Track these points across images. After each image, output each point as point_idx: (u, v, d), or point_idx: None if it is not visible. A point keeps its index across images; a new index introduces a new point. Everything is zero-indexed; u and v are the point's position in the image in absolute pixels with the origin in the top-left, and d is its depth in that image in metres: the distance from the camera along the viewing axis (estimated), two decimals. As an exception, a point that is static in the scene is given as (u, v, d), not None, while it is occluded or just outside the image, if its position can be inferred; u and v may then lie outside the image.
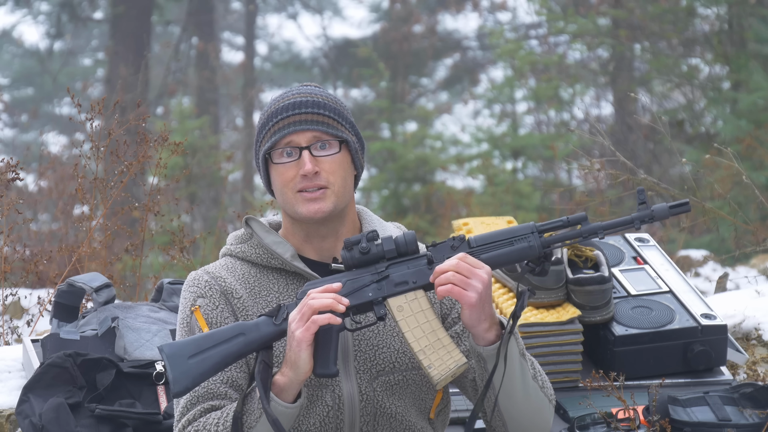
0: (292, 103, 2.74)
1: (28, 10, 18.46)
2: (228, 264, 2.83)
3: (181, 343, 2.62)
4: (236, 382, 2.71)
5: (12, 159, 5.01)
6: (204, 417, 2.66)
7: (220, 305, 2.76)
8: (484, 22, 18.43)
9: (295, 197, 2.74)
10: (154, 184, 5.47)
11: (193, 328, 2.75)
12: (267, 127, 2.75)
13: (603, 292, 3.63)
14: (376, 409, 2.75)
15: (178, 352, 2.61)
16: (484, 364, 2.65)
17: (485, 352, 2.64)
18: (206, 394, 2.69)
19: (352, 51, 17.61)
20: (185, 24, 18.11)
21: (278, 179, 2.75)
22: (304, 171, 2.71)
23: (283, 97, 2.78)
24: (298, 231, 2.81)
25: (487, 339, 2.65)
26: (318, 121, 2.74)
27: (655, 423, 3.28)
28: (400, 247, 2.65)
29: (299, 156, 2.73)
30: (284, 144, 2.73)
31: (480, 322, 2.63)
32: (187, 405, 2.69)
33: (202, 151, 12.31)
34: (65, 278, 4.60)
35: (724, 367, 3.69)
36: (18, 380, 3.90)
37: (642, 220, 2.63)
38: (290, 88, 2.83)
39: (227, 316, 2.75)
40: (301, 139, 2.73)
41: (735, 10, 11.17)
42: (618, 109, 13.54)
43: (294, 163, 2.73)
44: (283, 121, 2.73)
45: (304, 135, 2.73)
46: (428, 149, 13.73)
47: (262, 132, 2.77)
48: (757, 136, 9.59)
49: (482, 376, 2.68)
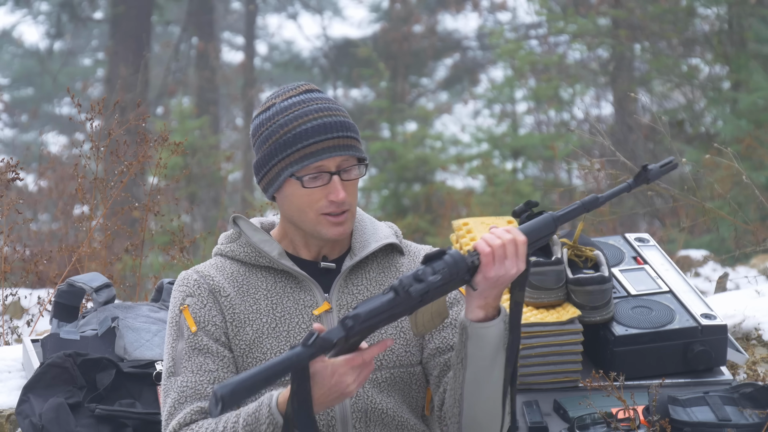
0: (323, 125, 2.72)
1: (28, 10, 18.47)
2: (218, 263, 2.84)
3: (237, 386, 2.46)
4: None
5: (12, 159, 5.01)
6: (196, 425, 2.66)
7: (208, 304, 2.77)
8: (484, 22, 18.44)
9: (318, 219, 2.74)
10: (154, 184, 5.48)
11: (181, 326, 2.76)
12: (295, 148, 2.72)
13: (603, 292, 3.63)
14: (366, 406, 2.76)
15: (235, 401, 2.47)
16: (465, 339, 2.64)
17: (472, 327, 2.63)
18: (194, 395, 2.69)
19: (352, 51, 17.62)
20: (185, 24, 18.11)
21: (301, 199, 2.74)
22: (337, 199, 2.71)
23: (307, 114, 2.73)
24: (299, 235, 2.82)
25: (479, 315, 2.64)
26: (348, 146, 2.73)
27: (655, 423, 3.28)
28: (452, 273, 2.59)
29: (328, 181, 2.72)
30: (314, 168, 2.72)
31: (493, 289, 2.61)
32: (175, 405, 2.69)
33: (202, 151, 12.33)
34: (65, 278, 4.60)
35: (724, 367, 3.69)
36: (18, 380, 3.91)
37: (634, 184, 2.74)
38: (297, 92, 2.78)
39: (215, 315, 2.76)
40: (331, 164, 2.73)
41: (735, 10, 11.17)
42: (618, 109, 13.54)
43: (323, 188, 2.73)
44: (316, 146, 2.71)
45: (334, 160, 2.73)
46: (428, 149, 13.74)
47: (285, 150, 2.72)
48: (757, 136, 9.60)
49: (459, 352, 2.67)
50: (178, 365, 2.73)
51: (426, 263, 2.55)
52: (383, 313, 2.48)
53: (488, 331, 2.64)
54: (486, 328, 2.63)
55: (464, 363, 2.66)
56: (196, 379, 2.71)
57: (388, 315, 2.50)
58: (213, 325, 2.75)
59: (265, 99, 2.84)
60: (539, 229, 2.66)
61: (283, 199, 2.78)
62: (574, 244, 3.73)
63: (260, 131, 2.79)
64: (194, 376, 2.71)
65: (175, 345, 2.75)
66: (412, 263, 2.88)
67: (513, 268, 2.59)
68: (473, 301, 2.63)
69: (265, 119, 2.78)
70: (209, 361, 2.72)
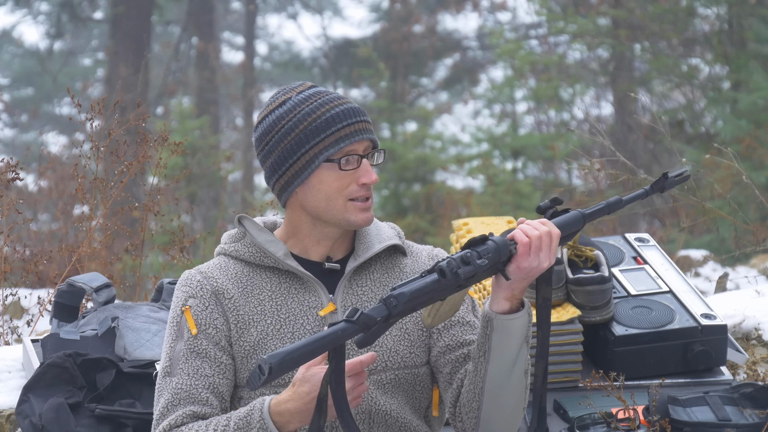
0: (350, 110, 2.75)
1: (28, 10, 18.47)
2: (221, 263, 2.83)
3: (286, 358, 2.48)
4: (218, 389, 2.71)
5: (12, 159, 5.01)
6: (186, 427, 2.65)
7: (210, 306, 2.76)
8: (484, 22, 18.44)
9: (346, 206, 2.75)
10: (154, 184, 5.48)
11: (182, 327, 2.75)
12: (329, 131, 2.73)
13: (603, 292, 3.64)
14: (370, 407, 2.76)
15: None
16: (490, 331, 2.66)
17: (497, 319, 2.65)
18: (188, 398, 2.69)
19: (352, 51, 17.62)
20: (185, 24, 18.12)
21: (332, 185, 2.74)
22: (369, 180, 2.74)
23: (331, 101, 2.76)
24: (313, 233, 2.81)
25: (504, 307, 2.65)
26: (371, 131, 2.79)
27: (655, 423, 3.28)
28: (495, 258, 2.64)
29: (358, 165, 2.75)
30: (347, 152, 2.74)
31: (522, 281, 2.63)
32: (167, 406, 2.69)
33: (202, 151, 12.32)
34: (65, 278, 4.60)
35: (724, 367, 3.69)
36: (18, 380, 3.91)
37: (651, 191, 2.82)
38: (306, 88, 2.79)
39: (216, 318, 2.75)
40: (359, 148, 2.75)
41: (735, 10, 11.18)
42: (618, 109, 13.55)
43: (354, 171, 2.74)
44: (349, 128, 2.73)
45: (362, 144, 2.76)
46: (428, 149, 13.74)
47: (319, 135, 2.73)
48: (757, 136, 9.60)
49: (482, 345, 2.68)
50: (175, 366, 2.72)
51: (470, 248, 2.59)
52: (426, 294, 2.52)
53: (514, 323, 2.65)
54: (512, 320, 2.65)
55: (487, 356, 2.67)
56: (191, 383, 2.70)
57: (430, 297, 2.54)
58: (214, 328, 2.74)
59: (270, 100, 2.83)
60: (570, 225, 2.71)
61: (308, 190, 2.76)
62: (574, 244, 3.73)
63: (279, 125, 2.76)
64: (190, 379, 2.70)
65: (174, 345, 2.74)
66: (415, 264, 2.88)
67: (546, 260, 2.62)
68: (501, 292, 2.65)
69: (283, 113, 2.76)
70: (206, 365, 2.71)
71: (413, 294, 2.50)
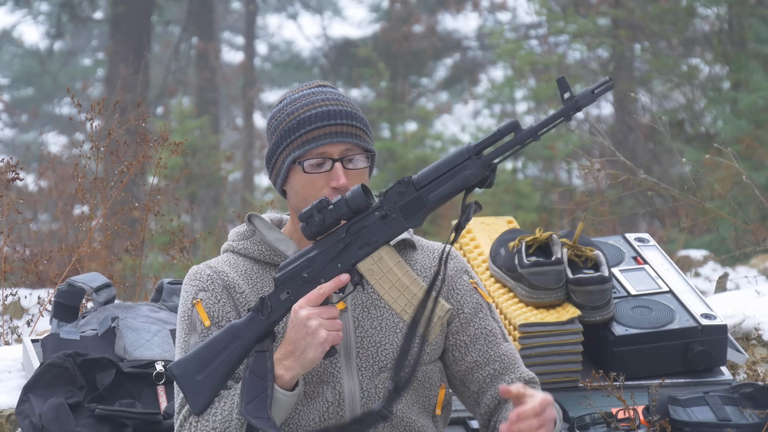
0: (326, 112, 2.73)
1: (28, 10, 18.47)
2: (230, 260, 2.83)
3: (186, 361, 2.64)
4: (235, 377, 2.71)
5: (12, 159, 5.01)
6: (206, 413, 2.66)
7: (222, 299, 2.76)
8: (484, 22, 18.43)
9: None
10: (154, 184, 5.47)
11: (194, 321, 2.75)
12: (298, 134, 2.72)
13: (603, 292, 3.63)
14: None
15: (186, 372, 2.64)
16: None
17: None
18: None
19: (352, 51, 17.61)
20: (185, 24, 18.11)
21: (304, 187, 2.74)
22: (338, 185, 2.70)
23: (313, 103, 2.75)
24: None
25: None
26: (352, 134, 2.73)
27: (655, 423, 3.28)
28: (351, 206, 2.62)
29: (331, 167, 2.72)
30: (316, 154, 2.72)
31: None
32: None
33: (202, 151, 12.31)
34: (65, 278, 4.60)
35: (724, 367, 3.69)
36: (18, 380, 3.90)
37: (569, 111, 2.58)
38: (309, 87, 2.80)
39: (229, 311, 2.75)
40: (334, 151, 2.73)
41: (735, 10, 11.17)
42: (618, 109, 13.55)
43: (324, 174, 2.73)
44: (318, 131, 2.72)
45: (337, 147, 2.73)
46: (428, 149, 13.73)
47: (290, 136, 2.73)
48: (757, 136, 9.60)
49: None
50: None
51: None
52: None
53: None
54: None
55: None
56: None
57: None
58: (227, 321, 2.74)
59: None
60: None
61: (289, 189, 2.78)
62: (574, 244, 3.73)
63: (270, 123, 2.81)
64: None
65: (188, 339, 2.74)
66: (426, 258, 2.87)
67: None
68: None
69: (276, 111, 2.80)
70: None
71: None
